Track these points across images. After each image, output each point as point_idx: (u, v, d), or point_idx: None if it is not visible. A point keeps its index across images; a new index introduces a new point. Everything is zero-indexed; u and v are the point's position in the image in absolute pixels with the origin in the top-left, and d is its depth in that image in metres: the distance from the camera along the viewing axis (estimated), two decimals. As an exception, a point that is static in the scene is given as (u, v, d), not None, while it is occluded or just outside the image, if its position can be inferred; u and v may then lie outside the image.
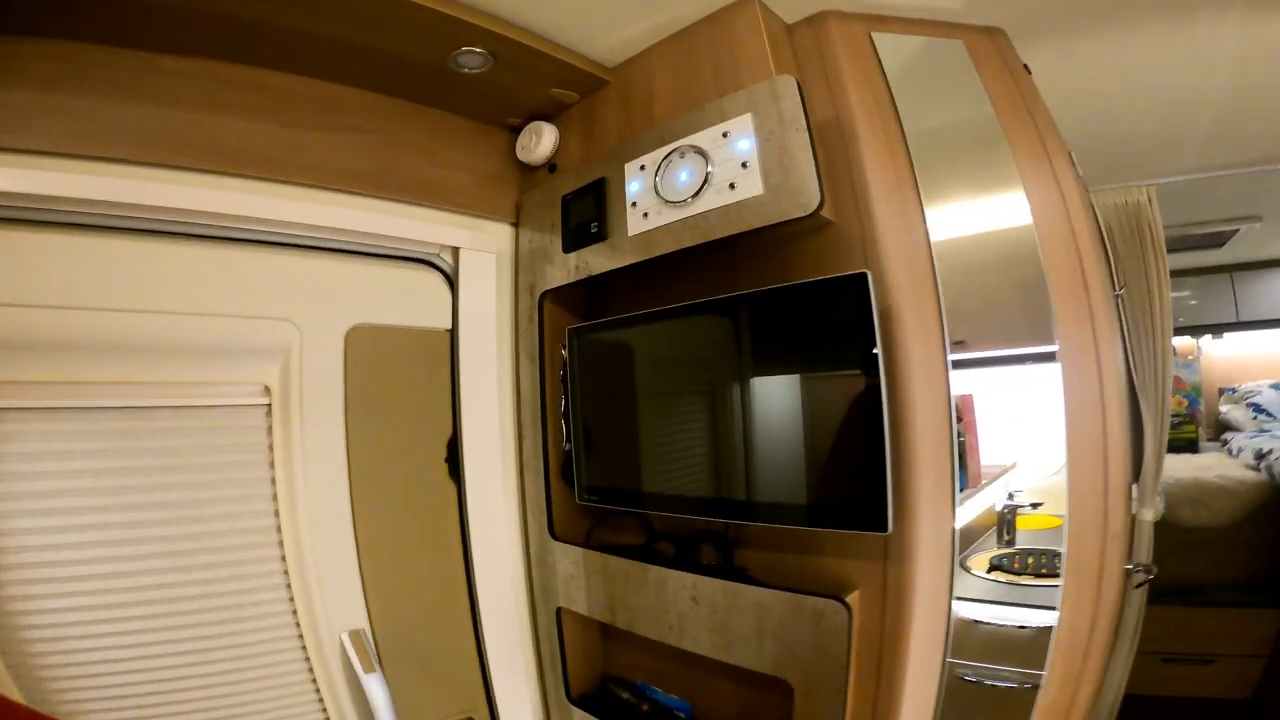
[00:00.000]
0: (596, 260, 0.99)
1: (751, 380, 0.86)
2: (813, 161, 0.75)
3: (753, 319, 0.85)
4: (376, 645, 0.96)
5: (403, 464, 1.03)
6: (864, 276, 0.71)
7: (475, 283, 1.09)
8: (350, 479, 0.97)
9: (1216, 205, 2.19)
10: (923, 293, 0.80)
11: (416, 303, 1.06)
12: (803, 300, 0.78)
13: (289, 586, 0.92)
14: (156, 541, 0.84)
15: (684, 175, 0.86)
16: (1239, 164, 1.82)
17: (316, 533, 0.93)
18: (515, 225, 1.17)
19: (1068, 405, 0.82)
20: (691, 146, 0.86)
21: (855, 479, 0.73)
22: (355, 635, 0.93)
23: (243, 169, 0.88)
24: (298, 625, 0.92)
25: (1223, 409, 2.98)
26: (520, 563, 1.16)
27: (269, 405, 0.92)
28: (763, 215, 0.79)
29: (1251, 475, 2.32)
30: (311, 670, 0.93)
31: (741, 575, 0.88)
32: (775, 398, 0.83)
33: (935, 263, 0.81)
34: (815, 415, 0.78)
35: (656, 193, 0.89)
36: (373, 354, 0.99)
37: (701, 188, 0.84)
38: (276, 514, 0.92)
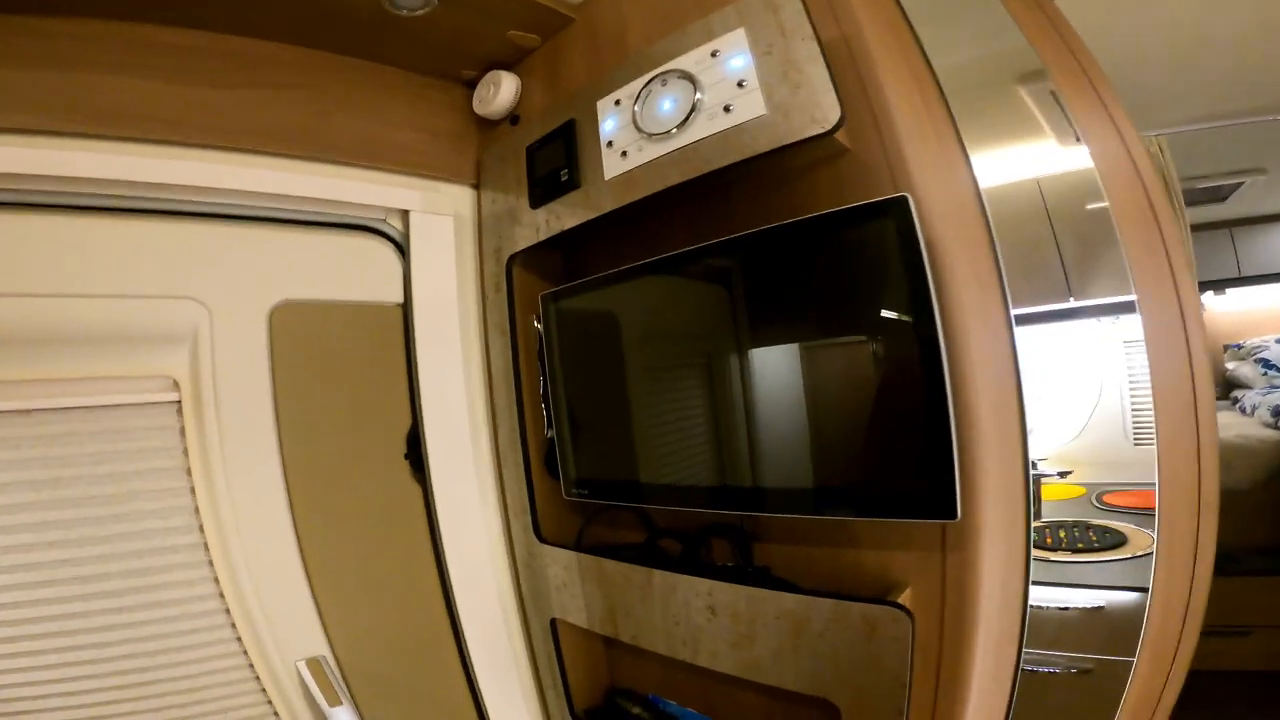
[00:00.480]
0: (569, 213, 0.85)
1: (767, 343, 0.71)
2: (826, 72, 0.62)
3: (764, 265, 0.70)
4: (342, 673, 0.81)
5: (353, 463, 0.88)
6: (904, 200, 0.57)
7: (430, 249, 0.93)
8: (288, 485, 0.81)
9: (1221, 157, 2.09)
10: (971, 228, 0.66)
11: (359, 275, 0.90)
12: (827, 235, 0.64)
13: (227, 612, 0.77)
14: (57, 571, 0.69)
15: (667, 104, 0.73)
16: (1248, 112, 1.71)
17: (252, 550, 0.78)
18: (476, 187, 1.02)
19: (1152, 360, 0.70)
20: (675, 71, 0.72)
21: (911, 456, 0.59)
22: (314, 664, 0.78)
23: (124, 130, 0.72)
24: (246, 656, 0.78)
25: (1229, 366, 2.89)
26: (506, 570, 1.02)
27: (178, 402, 0.76)
28: (769, 137, 0.65)
29: (1271, 434, 2.23)
30: (272, 705, 0.79)
31: (767, 578, 0.74)
32: (799, 364, 0.68)
33: (982, 194, 0.66)
34: (853, 381, 0.64)
35: (636, 127, 0.76)
36: (305, 335, 0.83)
37: (690, 115, 0.71)
38: (201, 530, 0.77)
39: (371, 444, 0.90)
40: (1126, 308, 0.72)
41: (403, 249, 0.93)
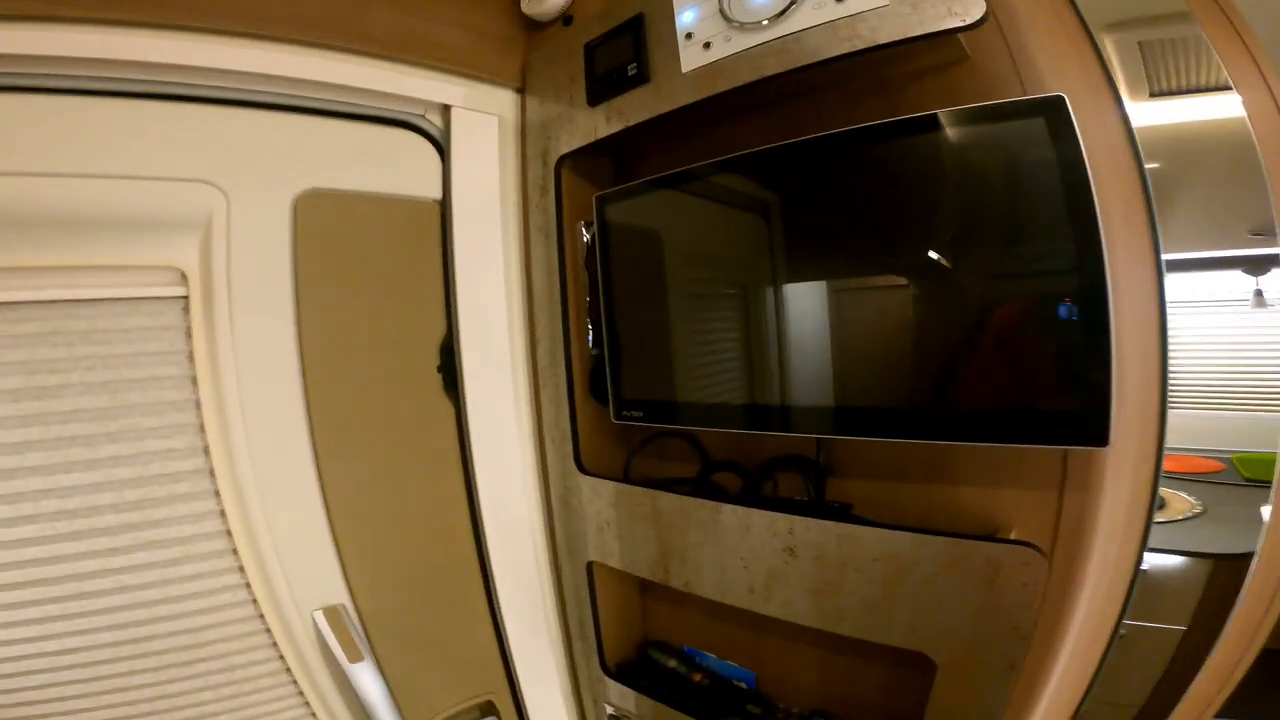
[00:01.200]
0: (637, 108, 0.77)
1: (882, 254, 0.63)
2: None
3: (877, 169, 0.62)
4: (363, 623, 0.74)
5: (382, 376, 0.79)
6: (1061, 100, 0.50)
7: (473, 147, 0.84)
8: (308, 401, 0.72)
9: None
10: (1115, 160, 0.58)
11: (394, 169, 0.80)
12: (966, 135, 0.56)
13: (235, 553, 0.69)
14: (40, 504, 0.59)
15: None
16: None
17: (265, 478, 0.69)
18: (520, 92, 0.92)
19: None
20: None
21: (1062, 375, 0.53)
22: (333, 613, 0.71)
23: (146, 15, 0.60)
24: (255, 604, 0.69)
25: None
26: (539, 507, 0.95)
27: (186, 298, 0.66)
28: (892, 29, 0.57)
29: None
30: (284, 659, 0.72)
31: (853, 516, 0.68)
32: (926, 274, 0.61)
33: (1131, 124, 0.59)
34: (986, 294, 0.57)
35: (724, 16, 0.68)
36: (333, 227, 0.73)
37: (791, 4, 0.63)
38: (206, 452, 0.68)
39: (402, 354, 0.82)
40: (1259, 263, 0.66)
41: (441, 147, 0.83)
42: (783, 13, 0.63)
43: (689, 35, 0.72)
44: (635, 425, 0.83)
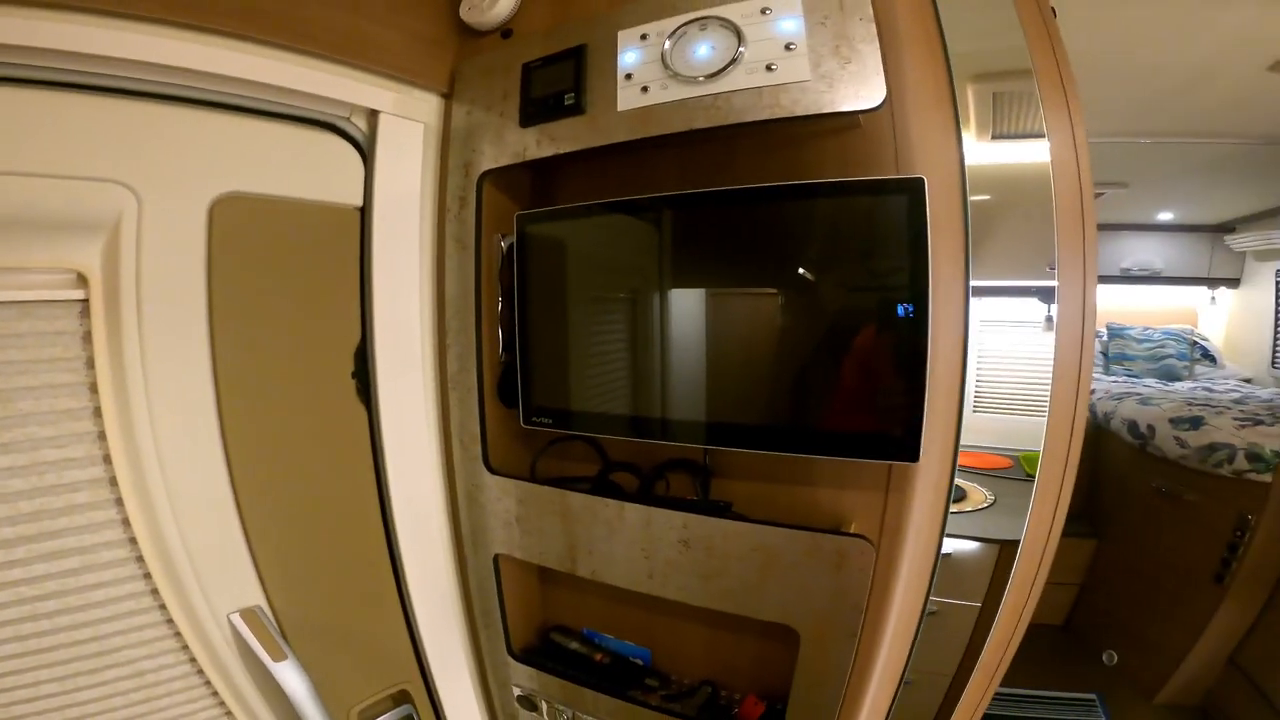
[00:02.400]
0: (569, 137, 0.83)
1: (755, 288, 0.78)
2: (879, 54, 0.67)
3: (769, 217, 0.75)
4: (279, 623, 0.78)
5: (297, 381, 0.82)
6: (921, 183, 0.66)
7: (398, 154, 0.86)
8: (220, 407, 0.73)
9: (1093, 168, 2.52)
10: (950, 209, 0.76)
11: (315, 173, 0.81)
12: (842, 198, 0.71)
13: (140, 560, 0.69)
14: None
15: (704, 49, 0.74)
16: (1123, 132, 2.08)
17: (174, 484, 0.70)
18: (447, 97, 0.95)
19: (1058, 340, 0.86)
20: (718, 18, 0.74)
21: (887, 405, 0.70)
22: (250, 615, 0.74)
23: None
24: (164, 610, 0.71)
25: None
26: (445, 504, 1.01)
27: (85, 300, 0.65)
28: (809, 103, 0.69)
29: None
30: (194, 662, 0.74)
31: (733, 513, 0.83)
32: (790, 310, 0.76)
33: (965, 183, 0.77)
34: (834, 331, 0.73)
35: (665, 65, 0.76)
36: (250, 232, 0.74)
37: (728, 66, 0.73)
38: (107, 460, 0.68)
39: (317, 360, 0.84)
40: (1049, 293, 0.88)
41: (364, 152, 0.84)
42: (719, 72, 0.72)
43: (629, 76, 0.78)
44: (542, 430, 0.91)
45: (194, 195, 0.69)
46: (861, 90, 0.67)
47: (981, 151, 0.94)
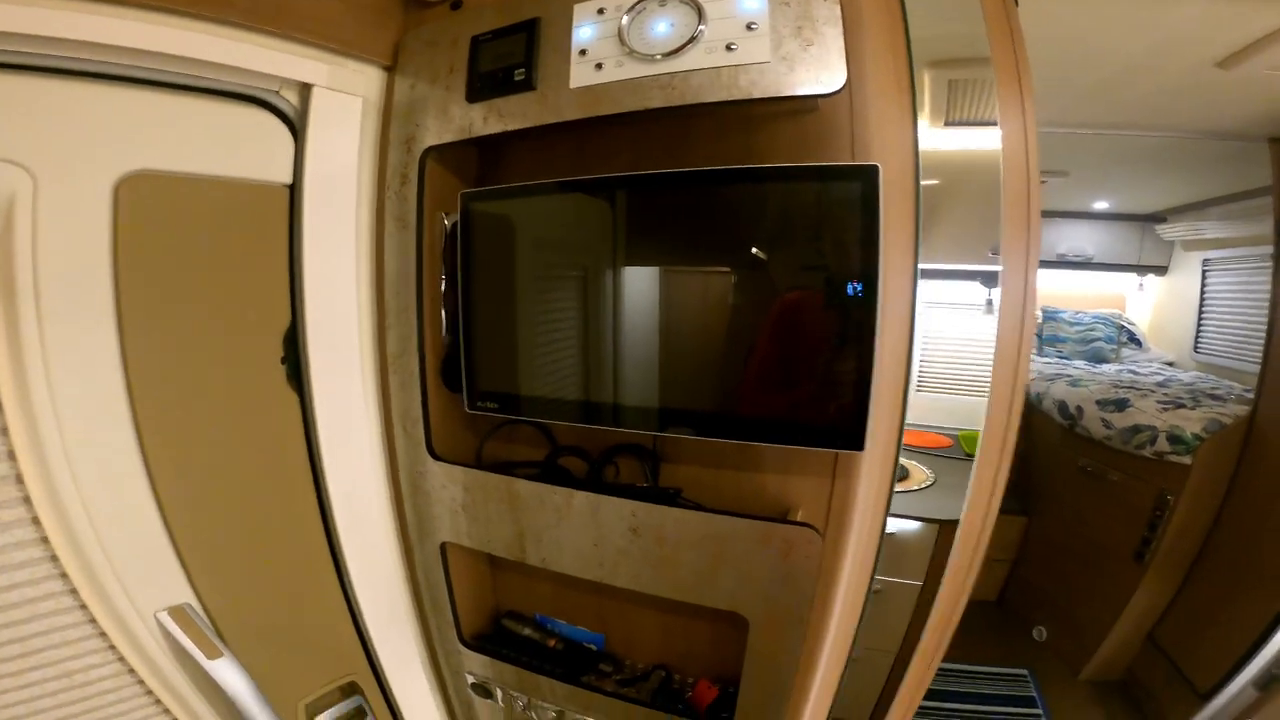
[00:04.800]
0: (517, 114, 0.82)
1: (706, 271, 0.79)
2: (842, 38, 0.67)
3: (722, 200, 0.76)
4: (213, 620, 0.75)
5: (217, 368, 0.78)
6: (875, 170, 0.67)
7: (331, 130, 0.82)
8: (132, 396, 0.70)
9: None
10: (903, 197, 0.78)
11: (238, 150, 0.77)
12: (792, 185, 0.72)
13: (55, 559, 0.66)
14: None
15: (663, 26, 0.73)
16: (1065, 122, 2.18)
17: (85, 480, 0.67)
18: (389, 70, 0.91)
19: (1000, 324, 0.90)
20: None
21: (833, 394, 0.71)
22: (178, 613, 0.71)
23: None
24: (85, 610, 0.68)
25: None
26: (388, 492, 1.00)
27: (-27, 291, 0.60)
28: (767, 85, 0.69)
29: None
30: (124, 662, 0.71)
31: (682, 499, 0.84)
32: (736, 295, 0.77)
33: (919, 171, 0.80)
34: (786, 320, 0.74)
35: (621, 42, 0.75)
36: (163, 213, 0.70)
37: (686, 44, 0.72)
38: (12, 457, 0.63)
39: (241, 345, 0.81)
40: (991, 278, 0.92)
41: (295, 127, 0.80)
42: (677, 50, 0.72)
43: (583, 52, 0.77)
44: (489, 416, 0.91)
45: (97, 174, 0.65)
46: (822, 74, 0.68)
47: (933, 137, 0.97)
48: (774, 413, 0.74)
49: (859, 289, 0.68)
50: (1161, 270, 3.62)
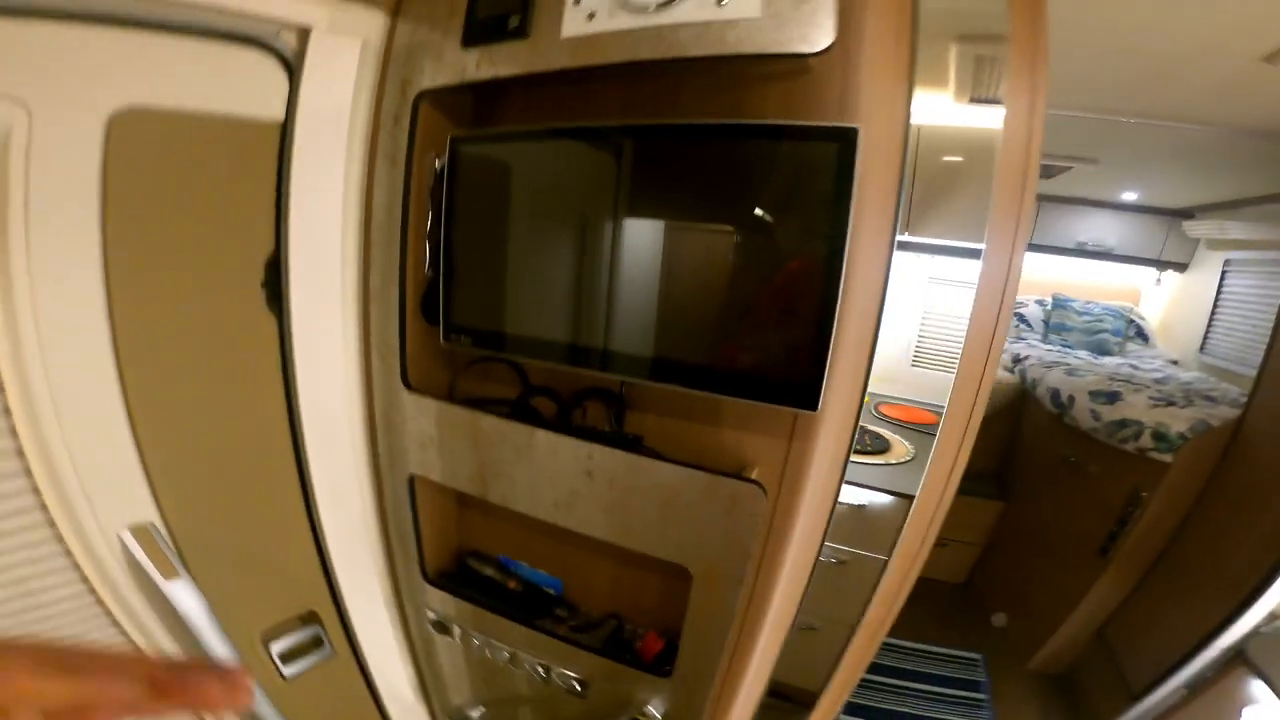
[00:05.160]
0: (509, 61, 0.81)
1: (682, 223, 0.79)
2: None
3: (702, 154, 0.76)
4: (175, 541, 0.78)
5: (196, 289, 0.80)
6: (854, 132, 0.66)
7: (327, 72, 0.82)
8: (111, 310, 0.72)
9: (1064, 142, 2.55)
10: (887, 166, 0.77)
11: (232, 88, 0.77)
12: (771, 143, 0.72)
13: (29, 473, 0.69)
14: None
15: None
16: (1098, 108, 2.10)
17: (60, 388, 0.69)
18: (393, 15, 0.90)
19: (976, 305, 0.91)
20: None
21: (791, 351, 0.72)
22: (141, 531, 0.74)
23: None
24: (53, 526, 0.71)
25: (990, 315, 3.76)
26: (361, 422, 1.02)
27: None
28: (754, 41, 0.68)
29: (1006, 376, 2.98)
30: (87, 581, 0.74)
31: (643, 447, 0.86)
32: (707, 247, 0.78)
33: (908, 140, 0.78)
34: (750, 273, 0.75)
35: None
36: (155, 147, 0.71)
37: None
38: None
39: (222, 268, 0.82)
40: (972, 253, 0.92)
41: (291, 66, 0.80)
42: (669, 2, 0.71)
43: (577, 1, 0.76)
44: (462, 349, 0.93)
45: (90, 109, 0.66)
46: (809, 32, 0.67)
47: (958, 113, 0.94)
48: (733, 365, 0.75)
49: (826, 251, 0.68)
50: (1182, 267, 3.55)
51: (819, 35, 0.66)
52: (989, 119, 0.93)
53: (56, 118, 0.64)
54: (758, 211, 0.75)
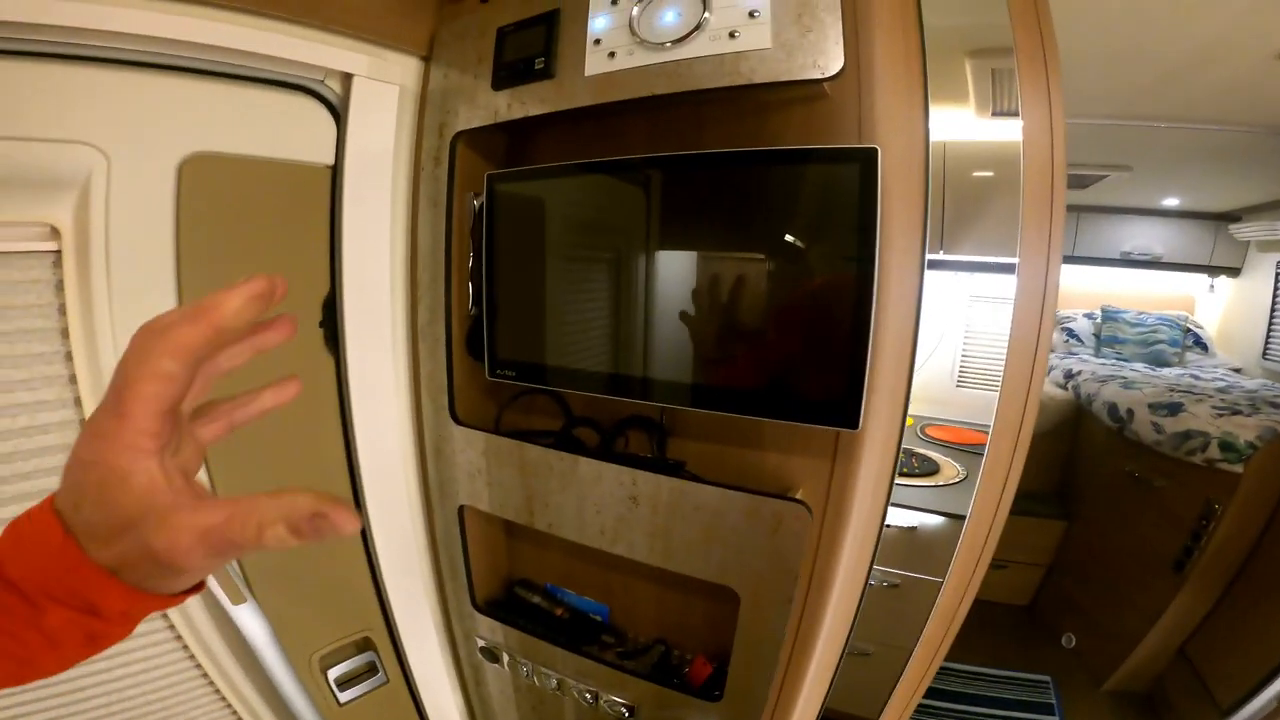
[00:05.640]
0: (537, 101, 0.87)
1: (714, 250, 0.82)
2: (840, 25, 0.69)
3: (727, 182, 0.79)
4: (241, 567, 0.83)
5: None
6: (874, 153, 0.68)
7: (371, 116, 0.89)
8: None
9: (1096, 150, 2.52)
10: (911, 184, 0.79)
11: (286, 134, 0.84)
12: (794, 167, 0.75)
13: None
14: None
15: (670, 16, 0.76)
16: (1130, 115, 2.09)
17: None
18: (426, 60, 0.98)
19: (1015, 320, 0.90)
20: None
21: (830, 370, 0.73)
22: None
23: None
24: None
25: (1040, 330, 3.65)
26: (413, 454, 1.07)
27: (57, 251, 0.69)
28: (767, 71, 0.72)
29: (1059, 393, 2.88)
30: None
31: (686, 472, 0.87)
32: (739, 273, 0.80)
33: (929, 157, 0.80)
34: (783, 296, 0.77)
35: (632, 31, 0.78)
36: (219, 190, 0.78)
37: (692, 32, 0.75)
38: (78, 403, 0.72)
39: (284, 308, 0.87)
40: (1006, 268, 0.92)
41: (337, 113, 0.87)
42: (684, 38, 0.75)
43: (597, 41, 0.81)
44: (507, 382, 0.96)
45: (163, 155, 0.73)
46: (819, 60, 0.70)
47: (983, 128, 0.95)
48: (774, 387, 0.77)
49: (856, 270, 0.70)
50: (1234, 272, 3.41)
51: (829, 61, 0.70)
52: (1011, 131, 0.95)
53: (133, 163, 0.71)
54: (786, 235, 0.77)
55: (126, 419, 0.30)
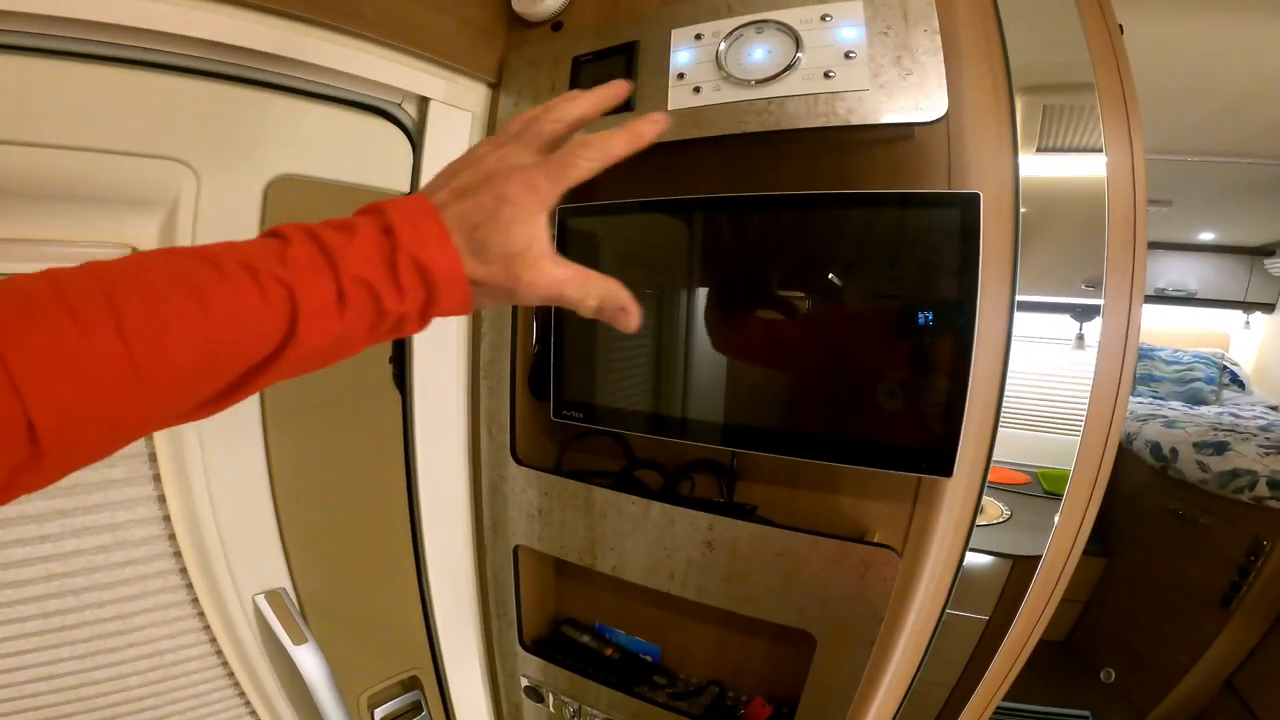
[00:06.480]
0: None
1: (798, 293, 0.80)
2: (943, 68, 0.69)
3: (819, 221, 0.78)
4: (301, 606, 0.81)
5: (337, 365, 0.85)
6: (976, 198, 0.67)
7: (445, 142, 0.88)
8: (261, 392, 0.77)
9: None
10: (1003, 226, 0.78)
11: (365, 158, 0.83)
12: (892, 211, 0.74)
13: (172, 538, 0.73)
14: None
15: (760, 53, 0.76)
16: (1171, 150, 2.09)
17: (213, 462, 0.73)
18: (494, 87, 0.97)
19: (1100, 357, 0.88)
20: (776, 23, 0.75)
21: (924, 417, 0.72)
22: (274, 597, 0.77)
23: None
24: (190, 589, 0.74)
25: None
26: (467, 492, 1.05)
27: (138, 273, 0.68)
28: (866, 113, 0.71)
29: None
30: (215, 643, 0.77)
31: (759, 516, 0.85)
32: (827, 316, 0.78)
33: (1019, 199, 0.79)
34: (874, 341, 0.75)
35: (719, 66, 0.78)
36: (302, 213, 0.76)
37: (784, 71, 0.74)
38: (150, 439, 0.71)
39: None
40: (1085, 311, 0.90)
41: (413, 138, 0.87)
42: (774, 77, 0.74)
43: (681, 75, 0.80)
44: (571, 424, 0.94)
45: (251, 175, 0.72)
46: (922, 102, 0.69)
47: (1025, 164, 0.95)
48: (863, 434, 0.76)
49: (958, 317, 0.69)
50: (1270, 308, 3.37)
51: (932, 105, 0.69)
52: (1089, 168, 0.94)
53: (224, 183, 0.70)
54: (881, 278, 0.76)
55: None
